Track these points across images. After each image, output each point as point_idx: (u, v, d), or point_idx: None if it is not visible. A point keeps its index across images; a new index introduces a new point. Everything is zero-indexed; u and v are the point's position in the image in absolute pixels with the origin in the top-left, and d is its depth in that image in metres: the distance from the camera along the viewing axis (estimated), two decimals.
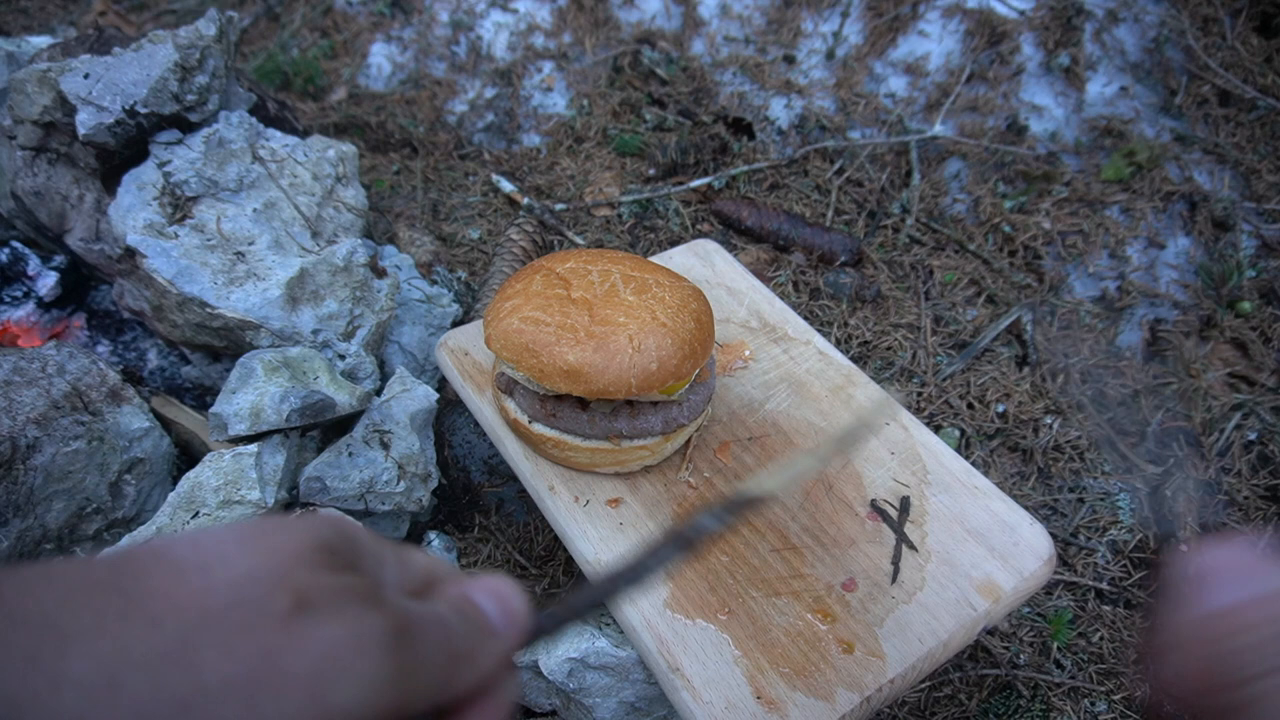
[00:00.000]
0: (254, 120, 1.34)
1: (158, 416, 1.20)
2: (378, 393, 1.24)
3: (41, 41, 1.47)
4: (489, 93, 2.12)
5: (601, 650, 0.97)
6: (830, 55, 2.17)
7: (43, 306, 1.33)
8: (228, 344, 1.22)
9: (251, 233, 1.24)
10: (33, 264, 1.34)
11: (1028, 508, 1.17)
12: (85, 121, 1.19)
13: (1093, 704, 1.18)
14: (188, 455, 1.23)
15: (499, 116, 2.08)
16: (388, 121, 2.02)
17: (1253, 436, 1.51)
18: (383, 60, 2.20)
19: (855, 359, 1.55)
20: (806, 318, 1.56)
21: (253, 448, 1.07)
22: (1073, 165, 1.95)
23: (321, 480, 1.08)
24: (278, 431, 1.11)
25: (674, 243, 1.75)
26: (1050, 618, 1.25)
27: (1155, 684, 0.51)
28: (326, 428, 1.20)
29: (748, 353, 1.24)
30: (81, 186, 1.30)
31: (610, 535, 1.01)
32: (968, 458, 1.37)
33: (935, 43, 2.15)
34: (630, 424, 1.01)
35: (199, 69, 1.25)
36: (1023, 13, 2.16)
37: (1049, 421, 1.49)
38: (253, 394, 1.09)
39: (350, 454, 1.12)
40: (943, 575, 0.97)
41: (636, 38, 2.21)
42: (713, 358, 1.11)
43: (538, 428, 1.05)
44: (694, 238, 1.73)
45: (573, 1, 2.25)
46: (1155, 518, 1.37)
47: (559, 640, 0.98)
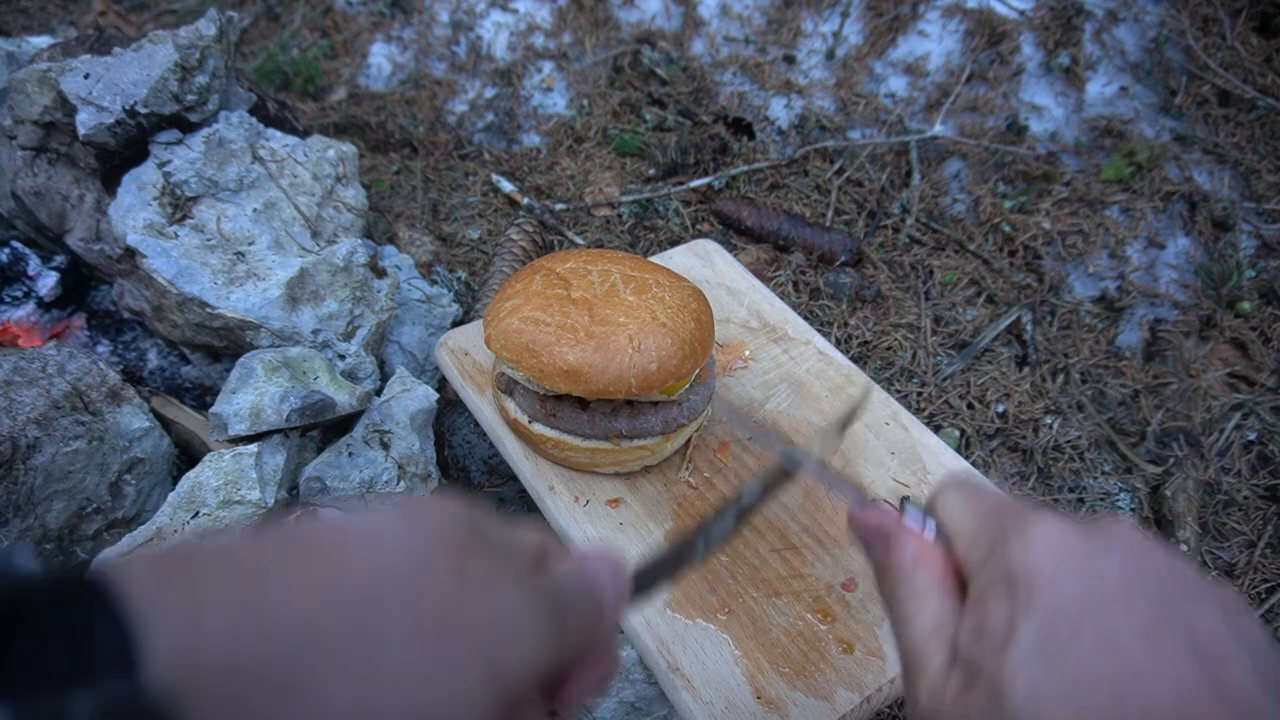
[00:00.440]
0: (254, 120, 1.34)
1: (158, 416, 1.20)
2: (378, 393, 1.24)
3: (41, 41, 1.47)
4: (489, 93, 2.12)
5: None
6: (830, 55, 2.17)
7: (43, 306, 1.33)
8: (228, 344, 1.22)
9: (251, 233, 1.24)
10: (33, 264, 1.34)
11: None
12: (85, 121, 1.19)
13: None
14: (188, 455, 1.23)
15: (499, 116, 2.08)
16: (388, 121, 2.02)
17: (1253, 436, 1.51)
18: (383, 60, 2.20)
19: (855, 359, 1.55)
20: (806, 318, 1.56)
21: (253, 448, 1.07)
22: (1073, 165, 1.95)
23: (321, 480, 1.09)
24: (278, 431, 1.11)
25: (674, 243, 1.75)
26: None
27: None
28: (326, 428, 1.20)
29: (748, 353, 1.24)
30: (81, 186, 1.30)
31: (610, 535, 1.01)
32: (968, 458, 1.37)
33: (935, 43, 2.15)
34: (630, 424, 1.01)
35: (199, 69, 1.25)
36: (1023, 13, 2.16)
37: (1049, 421, 1.49)
38: (253, 394, 1.09)
39: (350, 454, 1.12)
40: None
41: (636, 38, 2.21)
42: (713, 358, 1.11)
43: (538, 428, 1.05)
44: (694, 238, 1.73)
45: (573, 1, 2.25)
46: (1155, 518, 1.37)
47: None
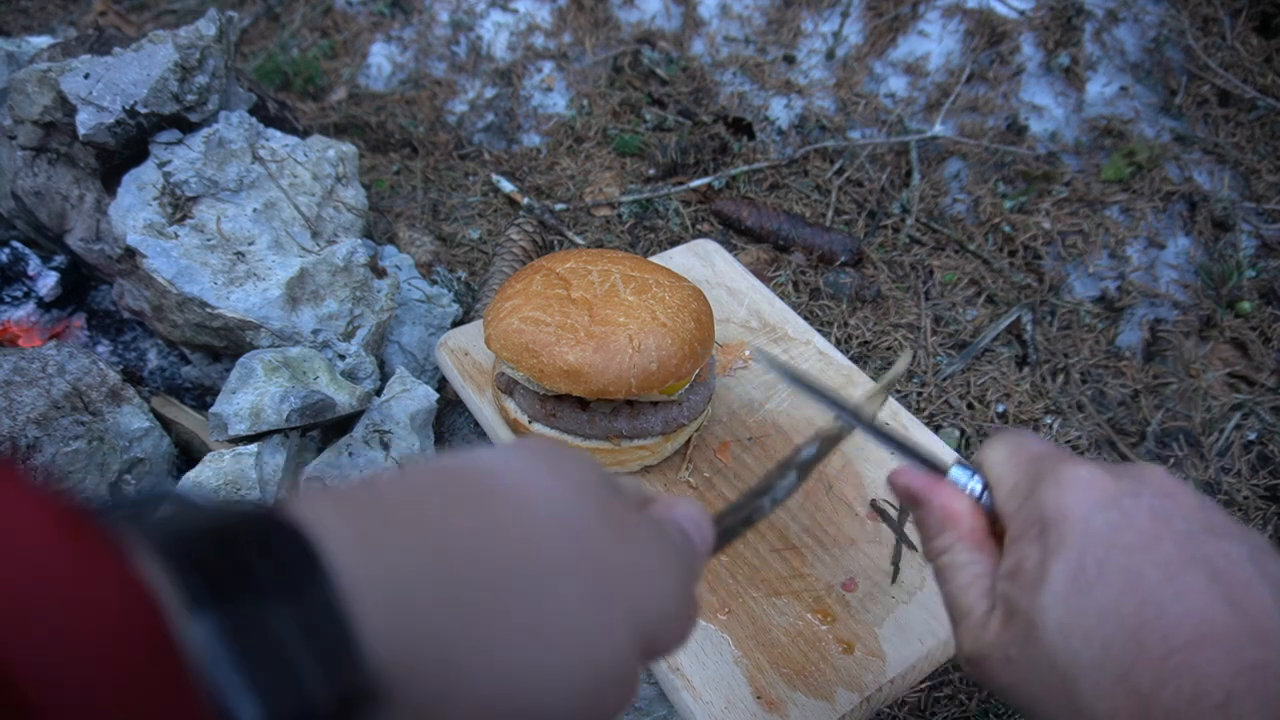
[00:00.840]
0: (254, 120, 1.34)
1: (158, 416, 1.20)
2: (378, 393, 1.24)
3: (41, 41, 1.47)
4: (489, 93, 2.12)
5: None
6: (830, 55, 2.17)
7: (43, 306, 1.33)
8: (228, 344, 1.22)
9: (251, 233, 1.24)
10: (33, 264, 1.34)
11: None
12: (85, 121, 1.19)
13: None
14: (188, 455, 1.23)
15: (499, 116, 2.08)
16: (388, 121, 2.02)
17: (1252, 436, 1.51)
18: (383, 60, 2.20)
19: (855, 359, 1.55)
20: (806, 318, 1.56)
21: (253, 448, 1.07)
22: (1073, 165, 1.95)
23: (322, 480, 1.08)
24: (278, 431, 1.11)
25: (674, 243, 1.75)
26: None
27: None
28: (326, 428, 1.20)
29: (748, 353, 1.24)
30: (81, 186, 1.30)
31: None
32: (968, 458, 1.36)
33: (935, 43, 2.15)
34: (630, 424, 1.01)
35: (199, 69, 1.25)
36: (1023, 13, 2.16)
37: (1049, 421, 1.49)
38: (253, 394, 1.09)
39: (350, 454, 1.12)
40: None
41: (636, 38, 2.21)
42: (713, 358, 1.11)
43: (538, 428, 1.05)
44: (694, 238, 1.73)
45: (573, 1, 2.25)
46: None
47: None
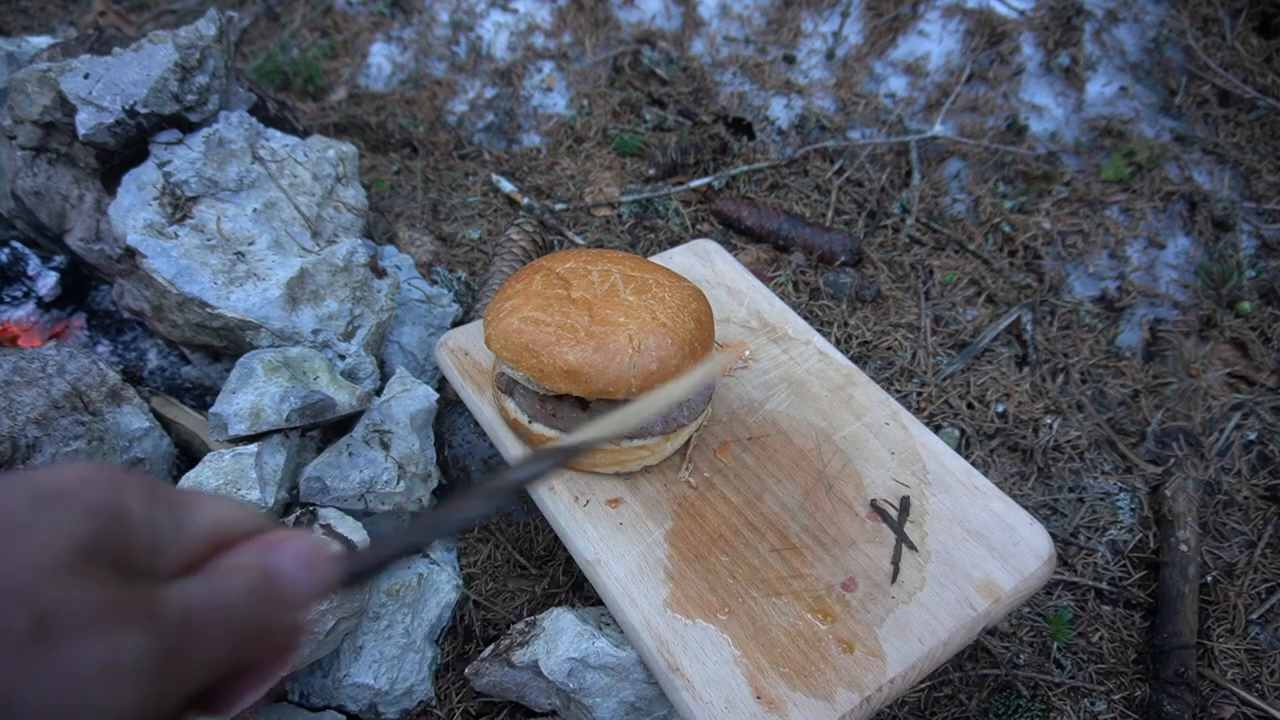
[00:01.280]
0: (254, 120, 1.34)
1: (158, 416, 1.20)
2: (378, 393, 1.24)
3: (41, 41, 1.47)
4: (489, 93, 2.12)
5: (601, 650, 0.97)
6: (830, 55, 2.17)
7: (43, 306, 1.33)
8: (228, 344, 1.22)
9: (251, 233, 1.24)
10: (33, 264, 1.34)
11: (1028, 508, 1.17)
12: (85, 121, 1.19)
13: (1093, 704, 1.18)
14: (188, 455, 1.23)
15: (499, 116, 2.08)
16: (388, 121, 2.02)
17: (1252, 436, 1.51)
18: (383, 60, 2.20)
19: (855, 359, 1.55)
20: (806, 318, 1.56)
21: (253, 448, 1.07)
22: (1073, 165, 1.95)
23: (321, 480, 1.09)
24: (278, 431, 1.11)
25: (674, 243, 1.75)
26: (1050, 618, 1.25)
27: None
28: (326, 428, 1.20)
29: (748, 353, 1.24)
30: (81, 186, 1.30)
31: (610, 535, 1.01)
32: (968, 458, 1.37)
33: (935, 43, 2.15)
34: None
35: (199, 69, 1.25)
36: (1023, 13, 2.15)
37: (1049, 421, 1.49)
38: (253, 394, 1.09)
39: (350, 454, 1.12)
40: (943, 575, 0.97)
41: (636, 38, 2.21)
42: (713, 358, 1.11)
43: (538, 428, 1.05)
44: (694, 238, 1.73)
45: (573, 1, 2.25)
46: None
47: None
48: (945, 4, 2.16)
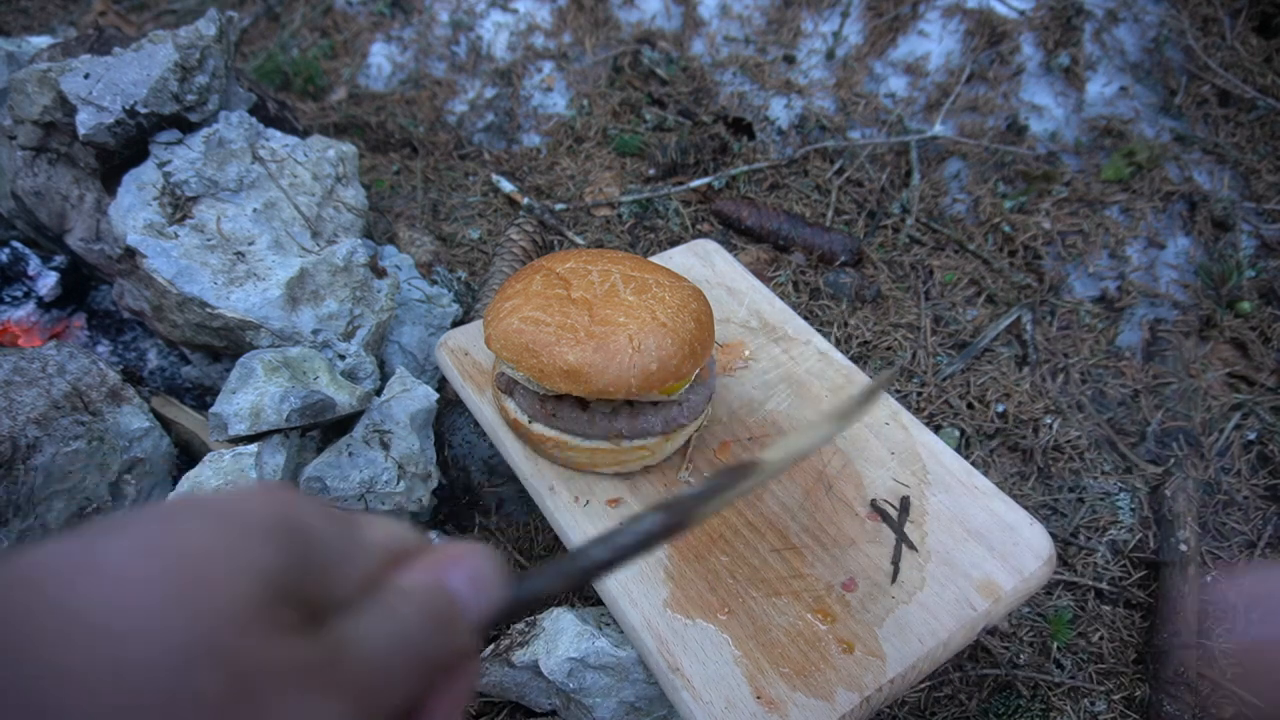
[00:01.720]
0: (254, 120, 1.34)
1: (158, 416, 1.20)
2: (378, 393, 1.24)
3: (41, 41, 1.47)
4: (489, 93, 2.12)
5: (601, 650, 0.97)
6: (830, 55, 2.17)
7: (43, 306, 1.33)
8: (228, 344, 1.22)
9: (251, 233, 1.24)
10: (33, 264, 1.34)
11: (1028, 508, 1.17)
12: (85, 121, 1.19)
13: (1092, 704, 1.18)
14: (188, 455, 1.23)
15: (499, 116, 2.08)
16: (388, 121, 2.02)
17: (1252, 436, 1.51)
18: (383, 60, 2.20)
19: (855, 359, 1.55)
20: (806, 318, 1.56)
21: (253, 448, 1.07)
22: (1073, 165, 1.95)
23: (322, 480, 1.08)
24: (278, 431, 1.11)
25: (674, 243, 1.75)
26: (1050, 618, 1.25)
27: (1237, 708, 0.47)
28: (326, 428, 1.20)
29: (748, 353, 1.24)
30: (81, 186, 1.30)
31: None
32: (968, 458, 1.37)
33: (935, 43, 2.15)
34: (630, 424, 1.01)
35: (199, 69, 1.25)
36: (1023, 13, 2.15)
37: (1049, 421, 1.49)
38: (253, 394, 1.09)
39: (350, 454, 1.12)
40: (943, 575, 0.97)
41: (636, 38, 2.21)
42: (713, 358, 1.11)
43: (538, 428, 1.05)
44: (694, 238, 1.73)
45: (573, 1, 2.25)
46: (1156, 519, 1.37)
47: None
48: (945, 4, 2.16)
